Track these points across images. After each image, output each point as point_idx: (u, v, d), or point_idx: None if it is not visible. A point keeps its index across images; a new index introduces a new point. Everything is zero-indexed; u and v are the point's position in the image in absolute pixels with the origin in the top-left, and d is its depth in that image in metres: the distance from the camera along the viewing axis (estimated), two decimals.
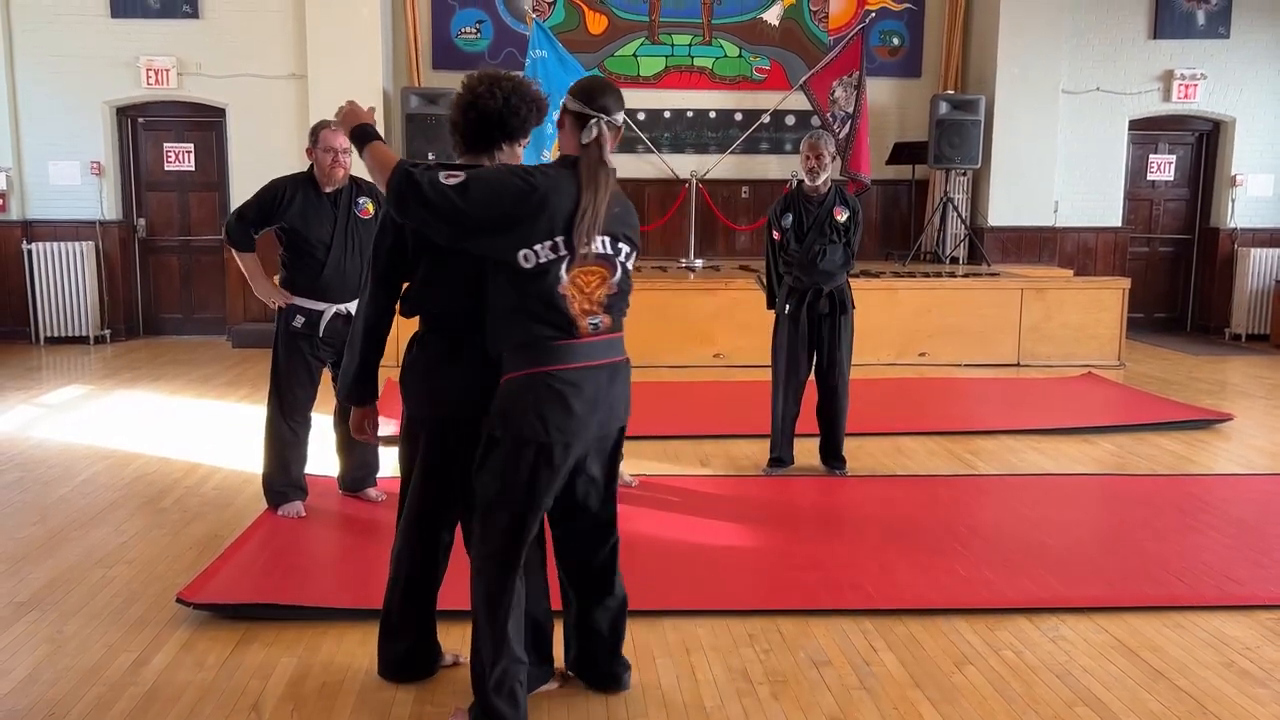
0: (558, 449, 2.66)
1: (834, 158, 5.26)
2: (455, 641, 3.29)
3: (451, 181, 2.55)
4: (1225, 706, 3.03)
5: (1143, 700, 3.06)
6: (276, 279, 4.57)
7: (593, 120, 2.67)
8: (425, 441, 2.88)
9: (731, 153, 10.19)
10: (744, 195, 10.47)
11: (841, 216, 5.17)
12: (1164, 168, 10.87)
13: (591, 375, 2.69)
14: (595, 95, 2.71)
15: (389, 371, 3.03)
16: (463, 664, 3.20)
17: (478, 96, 2.80)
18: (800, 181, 5.26)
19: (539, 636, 2.99)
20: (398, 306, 2.91)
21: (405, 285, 2.90)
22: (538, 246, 2.59)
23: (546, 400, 2.64)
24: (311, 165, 4.46)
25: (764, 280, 5.62)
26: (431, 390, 2.83)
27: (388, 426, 3.44)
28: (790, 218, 5.22)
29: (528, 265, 2.59)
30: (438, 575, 3.05)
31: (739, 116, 10.35)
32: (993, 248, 10.21)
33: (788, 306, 5.25)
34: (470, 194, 2.55)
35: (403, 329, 2.95)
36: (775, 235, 5.29)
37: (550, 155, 8.99)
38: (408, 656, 3.11)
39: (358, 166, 4.65)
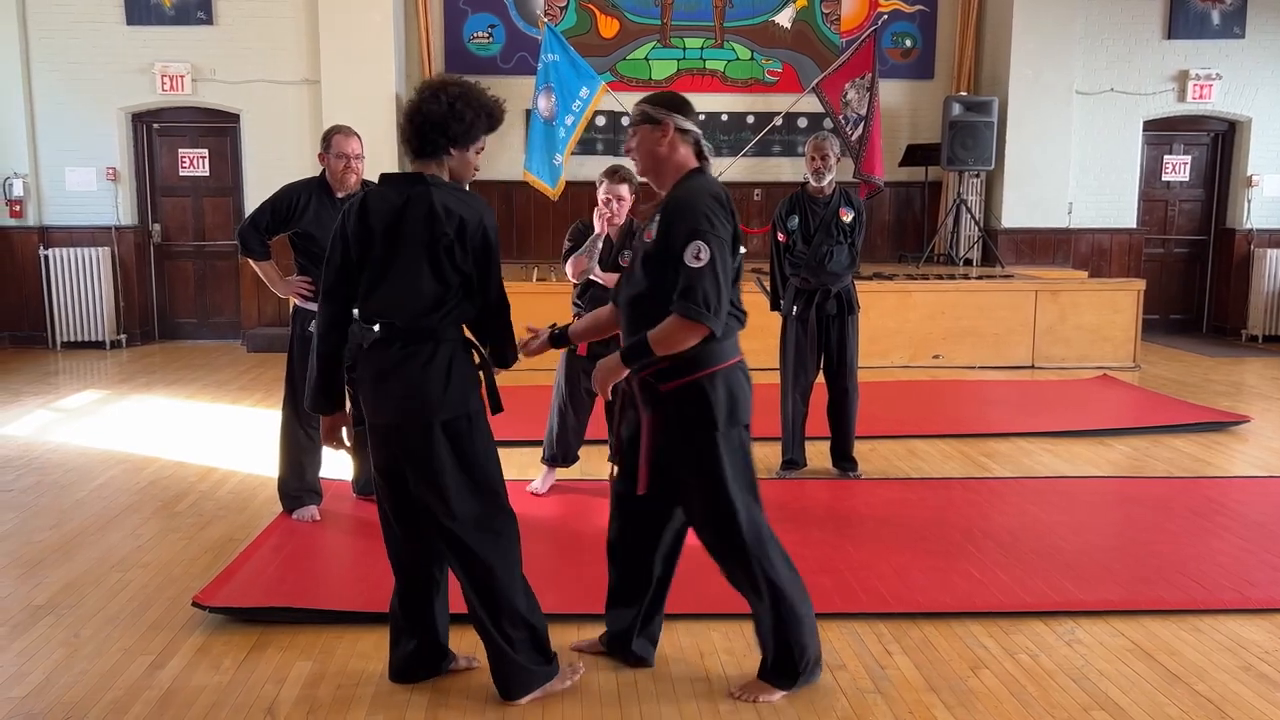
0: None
1: (839, 158, 5.26)
2: (469, 647, 3.30)
3: (702, 262, 2.76)
4: (1244, 711, 3.01)
5: (1160, 704, 3.04)
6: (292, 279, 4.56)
7: (694, 136, 2.96)
8: (378, 447, 2.95)
9: (744, 156, 10.18)
10: (756, 198, 10.47)
11: (847, 217, 5.17)
12: (1179, 168, 10.81)
13: None
14: (690, 112, 2.97)
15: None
16: (477, 668, 3.20)
17: (423, 101, 2.86)
18: (805, 182, 5.26)
19: (535, 637, 3.01)
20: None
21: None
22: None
23: (747, 384, 3.02)
24: (324, 171, 4.47)
25: (764, 283, 5.62)
26: (378, 397, 2.90)
27: None
28: (796, 219, 5.22)
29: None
30: (432, 576, 3.05)
31: (751, 119, 10.35)
32: (1006, 249, 10.17)
33: (795, 308, 5.25)
34: (717, 250, 2.78)
35: None
36: (781, 237, 5.29)
37: (562, 159, 9.01)
38: (411, 658, 3.13)
39: (370, 172, 4.69)
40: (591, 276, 4.71)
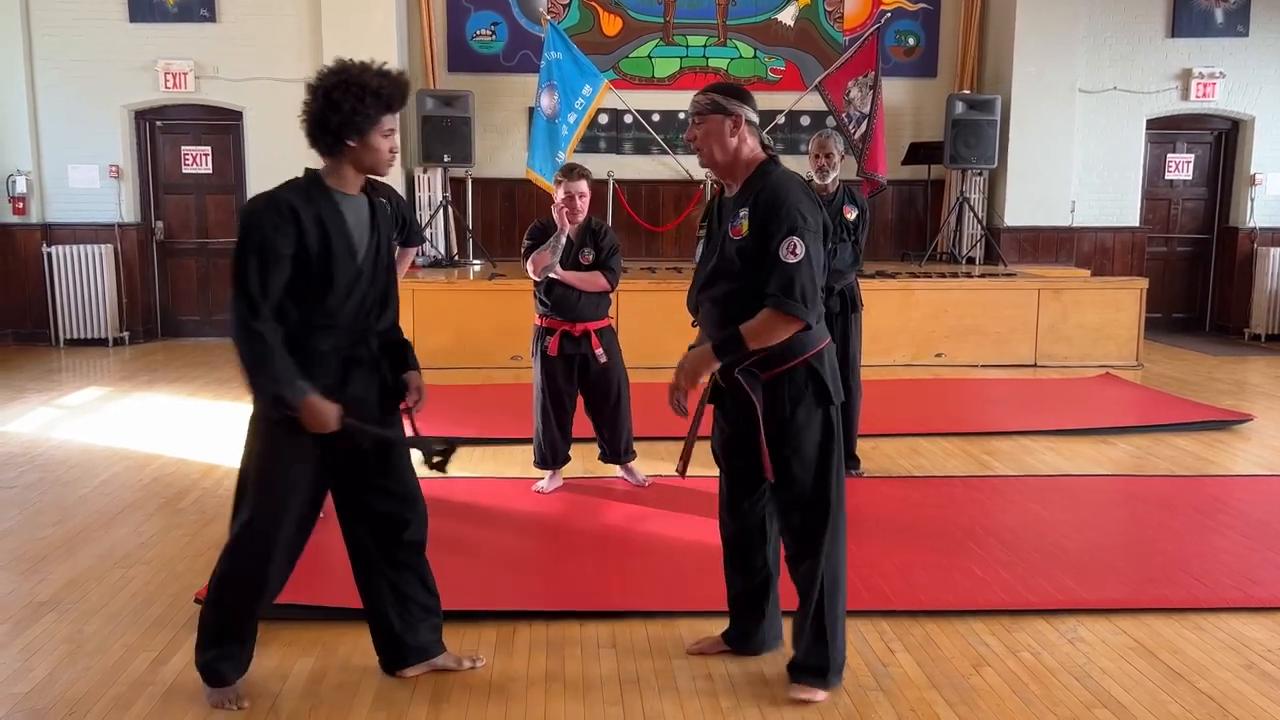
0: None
1: (843, 156, 5.26)
2: (471, 643, 3.30)
3: (797, 258, 2.80)
4: (1246, 709, 3.01)
5: (1162, 702, 3.04)
6: None
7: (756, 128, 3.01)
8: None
9: None
10: None
11: (850, 215, 5.17)
12: (1182, 167, 10.80)
13: None
14: (755, 105, 3.05)
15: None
16: (480, 668, 3.20)
17: (305, 104, 2.79)
18: (809, 180, 5.25)
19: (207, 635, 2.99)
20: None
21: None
22: None
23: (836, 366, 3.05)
24: None
25: None
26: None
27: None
28: None
29: None
30: (370, 565, 3.14)
31: None
32: (1009, 248, 10.16)
33: None
34: (811, 245, 2.84)
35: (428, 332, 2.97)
36: None
37: (565, 157, 9.00)
38: (376, 648, 3.16)
39: None
40: (552, 275, 4.73)
